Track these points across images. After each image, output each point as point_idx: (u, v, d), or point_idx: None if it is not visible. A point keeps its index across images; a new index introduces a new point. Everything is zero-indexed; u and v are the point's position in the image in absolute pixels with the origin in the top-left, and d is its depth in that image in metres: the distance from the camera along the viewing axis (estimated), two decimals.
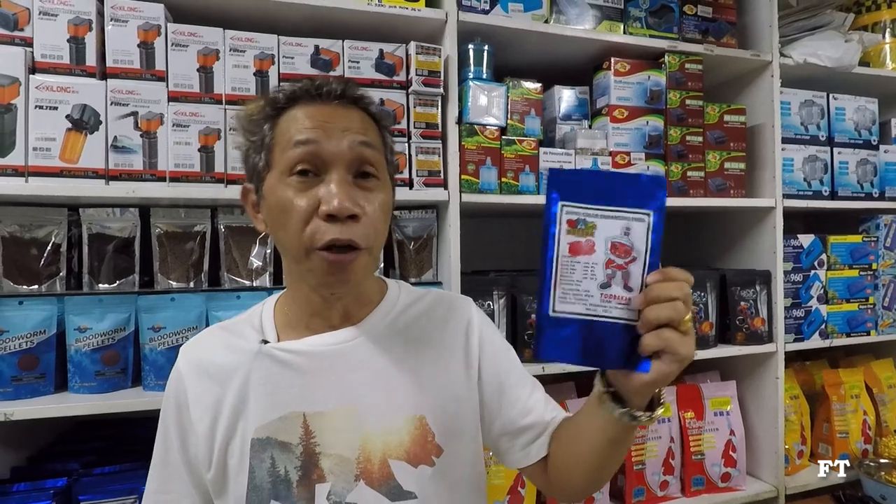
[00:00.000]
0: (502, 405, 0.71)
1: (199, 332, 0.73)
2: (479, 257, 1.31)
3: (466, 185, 1.17)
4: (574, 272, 0.51)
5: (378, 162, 0.63)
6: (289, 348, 0.65)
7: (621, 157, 1.31)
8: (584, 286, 0.51)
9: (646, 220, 0.51)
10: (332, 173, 0.60)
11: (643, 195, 0.51)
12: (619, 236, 0.51)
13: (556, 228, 0.51)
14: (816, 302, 1.50)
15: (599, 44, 1.31)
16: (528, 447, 0.70)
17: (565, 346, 0.52)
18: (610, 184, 0.52)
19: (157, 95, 1.00)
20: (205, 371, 0.67)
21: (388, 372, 0.66)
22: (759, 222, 1.48)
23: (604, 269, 0.51)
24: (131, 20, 0.99)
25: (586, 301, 0.51)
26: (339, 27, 1.15)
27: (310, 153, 0.60)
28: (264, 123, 0.63)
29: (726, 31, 1.44)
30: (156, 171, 1.00)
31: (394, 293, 0.73)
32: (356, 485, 0.62)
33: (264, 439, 0.63)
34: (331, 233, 0.58)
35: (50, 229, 1.03)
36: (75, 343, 0.98)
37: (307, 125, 0.61)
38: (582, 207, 0.51)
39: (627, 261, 0.51)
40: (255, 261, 1.11)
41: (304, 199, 0.59)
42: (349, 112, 0.63)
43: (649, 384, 0.53)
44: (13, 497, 0.93)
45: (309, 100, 0.63)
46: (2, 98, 0.92)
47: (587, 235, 0.51)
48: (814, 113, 1.53)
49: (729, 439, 1.42)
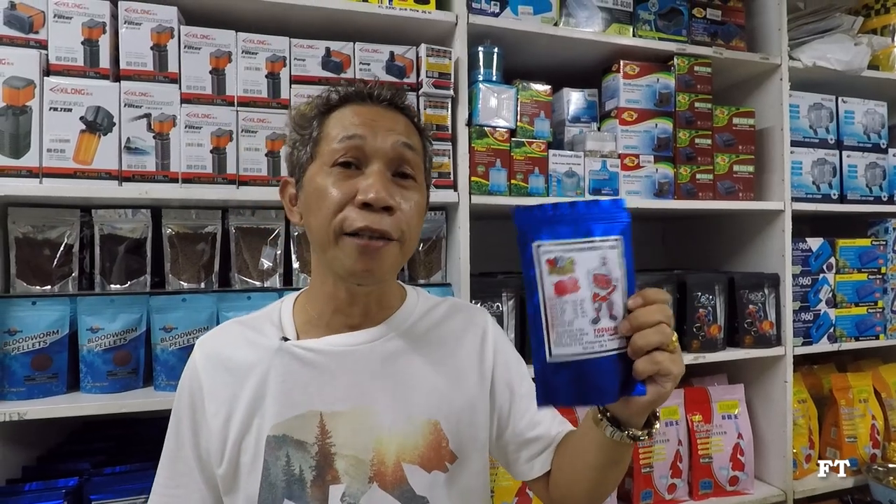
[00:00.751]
0: (511, 415, 0.72)
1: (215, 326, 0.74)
2: (487, 259, 1.31)
3: (476, 187, 1.18)
4: (564, 313, 0.49)
5: (417, 165, 0.66)
6: (309, 346, 0.66)
7: (630, 159, 1.31)
8: (578, 325, 0.49)
9: (617, 247, 0.50)
10: (373, 166, 0.62)
11: (609, 221, 0.50)
12: (598, 268, 0.49)
13: (537, 270, 0.49)
14: (825, 305, 1.49)
15: (608, 46, 1.31)
16: (532, 461, 0.71)
17: (568, 390, 0.50)
18: (576, 215, 0.50)
19: (169, 97, 1.00)
20: (222, 365, 0.67)
21: (406, 375, 0.66)
22: (767, 225, 1.48)
23: (592, 304, 0.49)
24: (145, 23, 1.00)
25: (582, 340, 0.49)
26: (350, 29, 1.16)
27: (354, 146, 0.62)
28: (314, 120, 0.66)
29: (735, 34, 1.44)
30: (168, 172, 1.00)
31: (413, 299, 0.73)
32: (370, 487, 0.62)
33: (280, 437, 0.63)
34: (363, 220, 0.59)
35: (63, 230, 1.03)
36: (87, 343, 0.99)
37: (355, 122, 0.63)
38: (557, 245, 0.49)
39: (609, 291, 0.50)
40: (266, 262, 1.11)
41: (341, 187, 0.61)
42: (396, 116, 0.66)
43: (647, 406, 0.54)
44: (25, 496, 0.93)
45: (359, 101, 0.66)
46: (17, 100, 0.93)
47: (569, 273, 0.49)
48: (823, 116, 1.53)
49: (737, 443, 1.42)
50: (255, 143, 1.05)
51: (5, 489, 0.96)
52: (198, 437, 0.67)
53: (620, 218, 0.51)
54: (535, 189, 1.23)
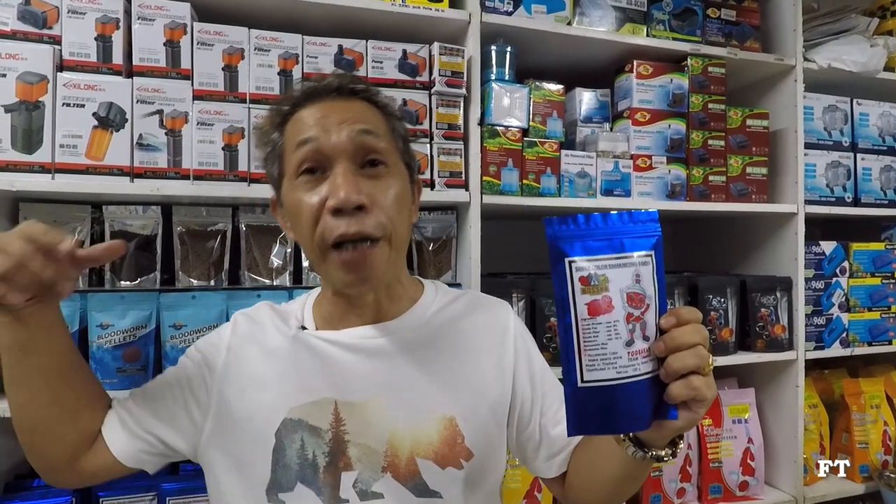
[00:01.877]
0: (532, 413, 0.71)
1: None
2: (497, 259, 1.30)
3: (488, 187, 1.17)
4: (598, 335, 0.46)
5: (384, 149, 0.63)
6: (325, 337, 0.67)
7: (643, 160, 1.30)
8: (611, 348, 0.45)
9: (650, 262, 0.47)
10: (337, 167, 0.60)
11: (642, 234, 0.47)
12: (632, 285, 0.46)
13: (569, 289, 0.46)
14: (838, 310, 1.48)
15: (622, 46, 1.30)
16: (550, 460, 0.70)
17: (601, 417, 0.47)
18: (609, 228, 0.47)
19: (182, 94, 1.00)
20: (251, 338, 0.69)
21: (422, 370, 0.66)
22: (780, 228, 1.46)
23: (626, 325, 0.46)
24: (158, 19, 0.99)
25: (616, 364, 0.46)
26: (363, 27, 1.15)
27: (311, 150, 0.60)
28: (272, 132, 0.65)
29: (750, 34, 1.43)
30: (180, 169, 1.00)
31: (430, 293, 0.73)
32: (383, 476, 0.63)
33: (296, 420, 0.64)
34: (339, 228, 0.58)
35: (73, 226, 1.03)
36: (97, 340, 0.98)
37: (308, 123, 0.62)
38: (590, 260, 0.46)
39: (643, 310, 0.46)
40: (276, 260, 1.11)
41: (311, 197, 0.59)
42: (348, 104, 0.64)
43: (677, 431, 0.51)
44: (35, 492, 0.93)
45: (309, 101, 0.64)
46: (30, 95, 0.92)
47: (602, 291, 0.46)
48: (837, 118, 1.51)
49: (747, 447, 1.41)
50: None
51: (14, 485, 0.96)
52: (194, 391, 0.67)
53: (653, 231, 0.47)
54: (547, 189, 1.22)
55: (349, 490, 0.62)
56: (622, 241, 0.47)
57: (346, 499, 0.62)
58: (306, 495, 0.62)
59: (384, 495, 0.62)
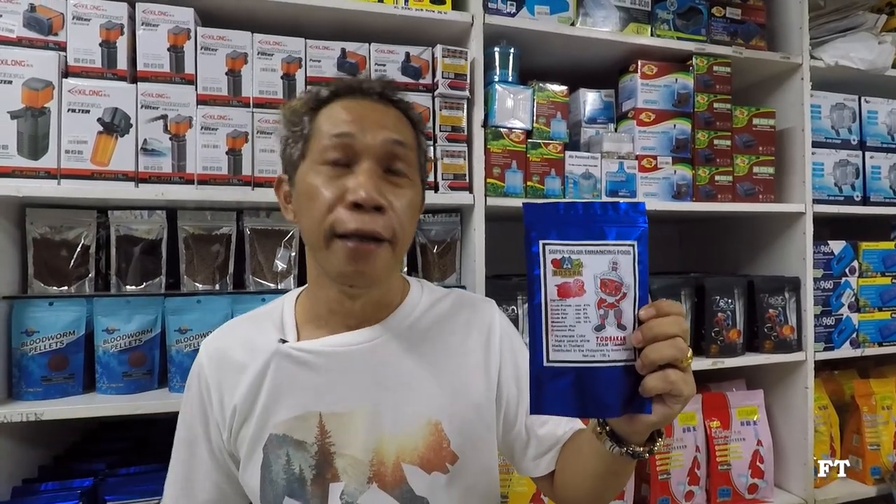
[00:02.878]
0: (519, 412, 0.70)
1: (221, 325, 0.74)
2: (502, 261, 1.29)
3: (492, 189, 1.16)
4: (566, 317, 0.47)
5: (409, 161, 0.64)
6: (306, 348, 0.65)
7: (648, 160, 1.29)
8: (579, 331, 0.47)
9: (631, 252, 0.47)
10: (362, 164, 0.60)
11: (625, 224, 0.48)
12: (607, 272, 0.47)
13: (541, 270, 0.47)
14: (847, 310, 1.46)
15: (626, 46, 1.30)
16: (538, 459, 0.70)
17: (564, 398, 0.47)
18: (589, 216, 0.48)
19: (186, 99, 1.00)
20: (225, 361, 0.68)
21: (406, 375, 0.66)
22: (788, 228, 1.45)
23: (596, 311, 0.47)
24: (162, 24, 1.00)
25: (582, 347, 0.47)
26: (366, 30, 1.15)
27: (343, 144, 0.60)
28: (305, 116, 0.65)
29: (755, 33, 1.41)
30: (184, 173, 1.00)
31: (416, 294, 0.72)
32: (368, 487, 0.62)
33: (280, 436, 0.64)
34: (354, 222, 0.58)
35: (79, 231, 1.04)
36: (103, 344, 0.99)
37: (344, 118, 0.62)
38: (565, 244, 0.47)
39: (618, 298, 0.47)
40: (280, 263, 1.11)
41: (331, 186, 0.60)
42: (387, 109, 0.64)
43: (651, 426, 0.50)
44: (42, 496, 0.93)
45: (349, 95, 0.64)
46: (36, 101, 0.93)
47: (575, 275, 0.47)
48: (845, 116, 1.50)
49: (756, 450, 1.39)
50: (271, 145, 1.04)
51: (22, 488, 0.96)
52: (209, 432, 0.69)
53: (638, 223, 0.48)
54: (552, 191, 1.21)
55: (336, 501, 0.62)
56: (602, 228, 0.47)
57: None
58: None
59: None
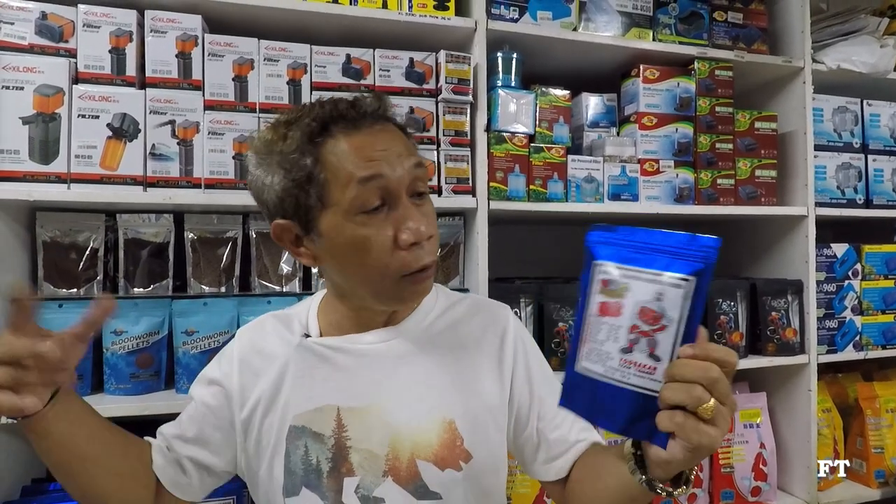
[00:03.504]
0: (530, 416, 0.71)
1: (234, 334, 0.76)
2: (504, 265, 1.30)
3: (495, 193, 1.18)
4: (599, 332, 0.49)
5: (426, 177, 0.65)
6: (328, 343, 0.68)
7: (650, 164, 1.30)
8: (606, 348, 0.49)
9: (683, 287, 0.46)
10: (401, 200, 0.61)
11: (685, 257, 0.47)
12: (649, 301, 0.47)
13: (590, 287, 0.51)
14: (850, 313, 1.46)
15: (628, 51, 1.31)
16: (549, 463, 0.70)
17: (581, 401, 0.52)
18: (647, 243, 0.49)
19: (193, 104, 1.02)
20: (255, 351, 0.70)
21: (422, 374, 0.67)
22: (790, 231, 1.45)
23: (627, 334, 0.48)
24: (170, 31, 1.01)
25: (605, 363, 0.49)
26: (371, 36, 1.16)
27: (378, 187, 0.59)
28: (303, 158, 0.59)
29: (757, 37, 1.42)
30: (191, 178, 1.02)
31: (432, 298, 0.73)
32: (384, 480, 0.64)
33: (300, 427, 0.66)
34: (422, 259, 0.61)
35: (88, 234, 1.05)
36: (111, 346, 1.00)
37: (365, 157, 0.59)
38: (617, 268, 0.49)
39: (655, 328, 0.47)
40: (286, 266, 1.12)
41: (382, 234, 0.59)
42: (390, 132, 0.63)
43: (665, 462, 0.48)
44: (51, 496, 0.95)
45: (347, 125, 0.60)
46: (47, 107, 0.95)
47: (618, 297, 0.48)
48: (847, 119, 1.50)
49: (759, 452, 1.39)
50: None
51: (31, 488, 0.98)
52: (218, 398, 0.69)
53: (696, 256, 0.47)
54: (554, 195, 1.22)
55: (352, 495, 0.64)
56: (654, 258, 0.48)
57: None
58: (311, 499, 0.64)
59: (385, 500, 0.64)
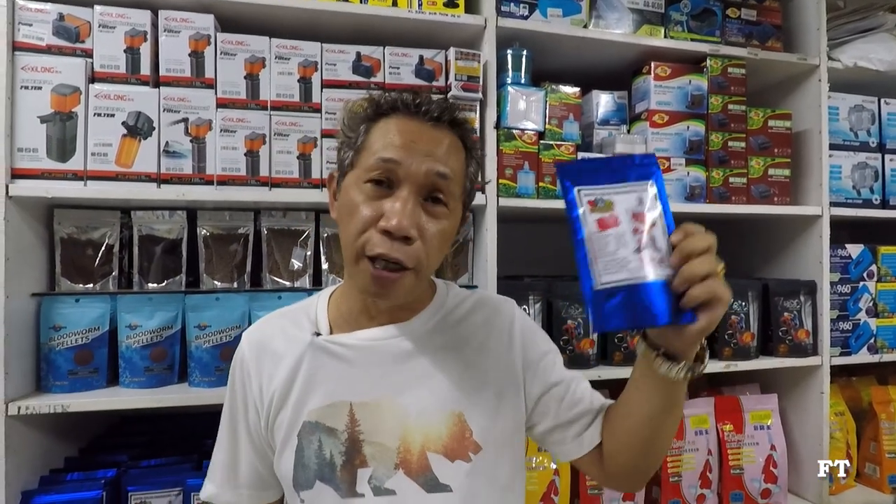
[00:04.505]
0: (548, 405, 0.72)
1: (245, 328, 0.79)
2: (514, 262, 1.30)
3: (504, 190, 1.18)
4: (608, 244, 0.54)
5: (451, 192, 0.65)
6: (339, 341, 0.69)
7: (661, 162, 1.29)
8: (622, 254, 0.54)
9: (651, 191, 0.56)
10: (403, 190, 0.62)
11: (641, 169, 0.57)
12: (636, 206, 0.55)
13: (580, 210, 0.55)
14: (865, 315, 1.44)
15: (639, 48, 1.30)
16: (580, 436, 0.71)
17: (618, 313, 0.54)
18: (611, 166, 0.57)
19: (206, 102, 1.04)
20: (263, 351, 0.72)
21: (431, 369, 0.68)
22: (804, 231, 1.43)
23: (633, 236, 0.54)
24: (183, 31, 1.03)
25: (627, 266, 0.54)
26: (381, 34, 1.17)
27: (388, 168, 0.62)
28: (362, 124, 0.66)
29: (771, 34, 1.40)
30: (204, 174, 1.03)
31: (442, 294, 0.74)
32: (395, 472, 0.65)
33: (314, 423, 0.67)
34: (381, 246, 0.60)
35: (104, 231, 1.07)
36: (126, 340, 1.02)
37: (395, 141, 0.62)
38: (596, 189, 0.56)
39: (649, 226, 0.55)
40: (296, 262, 1.14)
41: (369, 207, 0.62)
42: (439, 135, 0.64)
43: (701, 333, 0.55)
44: (67, 485, 0.97)
45: (406, 113, 0.65)
46: (64, 106, 0.97)
47: (609, 210, 0.55)
48: (864, 118, 1.48)
49: (770, 454, 1.38)
50: (287, 147, 1.07)
51: (49, 478, 1.00)
52: (248, 417, 0.72)
53: (651, 168, 0.57)
54: None
55: (365, 485, 0.65)
56: (624, 173, 0.57)
57: (362, 493, 0.65)
58: (325, 491, 0.66)
59: (396, 492, 0.65)
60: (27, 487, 0.96)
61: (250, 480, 0.74)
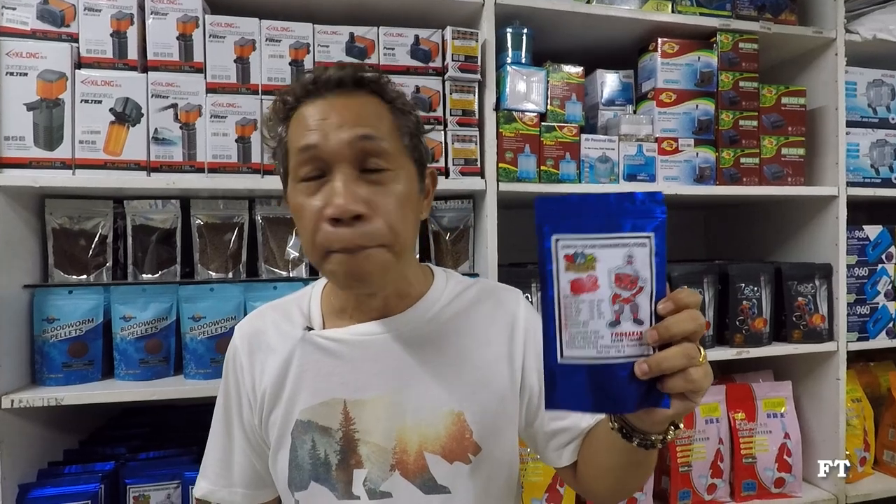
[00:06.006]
0: (540, 406, 0.68)
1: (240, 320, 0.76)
2: (516, 249, 1.27)
3: (504, 174, 1.14)
4: (580, 313, 0.45)
5: (386, 152, 0.60)
6: (332, 336, 0.66)
7: (668, 143, 1.24)
8: (593, 327, 0.45)
9: (647, 245, 0.45)
10: (336, 173, 0.58)
11: (640, 216, 0.45)
12: (622, 266, 0.45)
13: (553, 266, 0.46)
14: (884, 298, 1.39)
15: (646, 24, 1.24)
16: (560, 450, 0.68)
17: (579, 395, 0.46)
18: (602, 208, 0.46)
19: (195, 87, 1.01)
20: (256, 345, 0.69)
21: (429, 365, 0.65)
22: (819, 212, 1.38)
23: (611, 306, 0.45)
24: (171, 13, 1.00)
25: (596, 343, 0.45)
26: (375, 14, 1.13)
27: (310, 157, 0.58)
28: (278, 127, 0.63)
29: (785, 6, 1.34)
30: (195, 162, 1.01)
31: (440, 284, 0.70)
32: (391, 474, 0.63)
33: (306, 422, 0.64)
34: (339, 240, 0.57)
35: (97, 221, 1.06)
36: (120, 331, 1.01)
37: (308, 127, 0.59)
38: (578, 239, 0.46)
39: (634, 292, 0.45)
40: (292, 251, 1.11)
41: (311, 204, 0.58)
42: (350, 100, 0.60)
43: (669, 419, 0.49)
44: (66, 478, 0.96)
45: (311, 96, 0.61)
46: (50, 93, 0.95)
47: (588, 270, 0.45)
48: (883, 93, 1.41)
49: (783, 443, 1.34)
50: None
51: (47, 471, 1.00)
52: (242, 412, 0.70)
53: (655, 213, 0.46)
54: (567, 175, 1.18)
55: (360, 487, 0.63)
56: (616, 220, 0.45)
57: (358, 495, 0.63)
58: (320, 492, 0.63)
59: (392, 494, 0.62)
60: (24, 480, 0.95)
61: (245, 478, 0.71)
